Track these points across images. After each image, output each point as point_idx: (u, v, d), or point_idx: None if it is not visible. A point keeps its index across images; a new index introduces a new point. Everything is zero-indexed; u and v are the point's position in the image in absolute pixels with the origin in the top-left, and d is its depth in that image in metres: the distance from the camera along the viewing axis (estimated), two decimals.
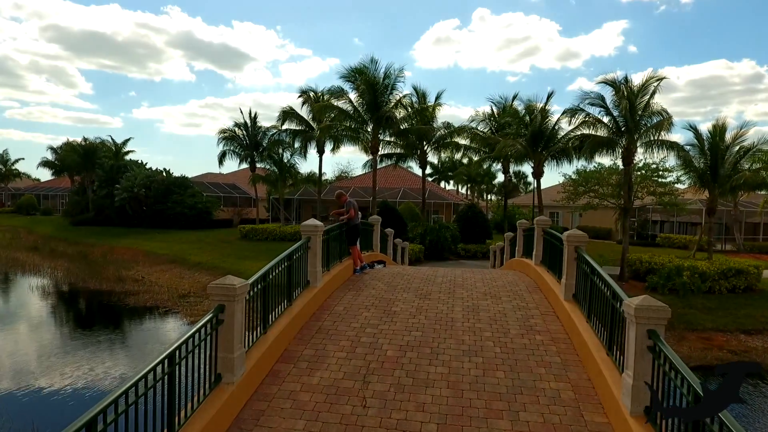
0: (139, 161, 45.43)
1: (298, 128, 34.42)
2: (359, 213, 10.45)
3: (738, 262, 18.69)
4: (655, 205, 27.11)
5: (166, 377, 4.01)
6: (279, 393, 5.36)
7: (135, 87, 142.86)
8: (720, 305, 16.43)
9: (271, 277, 6.26)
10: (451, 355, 6.14)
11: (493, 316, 7.39)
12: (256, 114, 37.83)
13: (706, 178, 19.84)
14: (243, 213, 46.09)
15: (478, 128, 31.89)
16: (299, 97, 33.56)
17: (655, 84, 20.10)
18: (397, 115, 26.79)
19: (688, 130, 20.92)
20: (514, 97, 31.75)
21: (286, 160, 35.01)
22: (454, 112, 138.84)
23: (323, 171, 37.55)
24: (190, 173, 77.76)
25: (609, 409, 4.81)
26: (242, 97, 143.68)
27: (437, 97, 30.52)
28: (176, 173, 42.81)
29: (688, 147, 20.78)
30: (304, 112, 34.03)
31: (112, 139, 47.66)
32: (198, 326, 4.61)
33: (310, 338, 6.71)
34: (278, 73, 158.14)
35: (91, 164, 43.95)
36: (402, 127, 27.90)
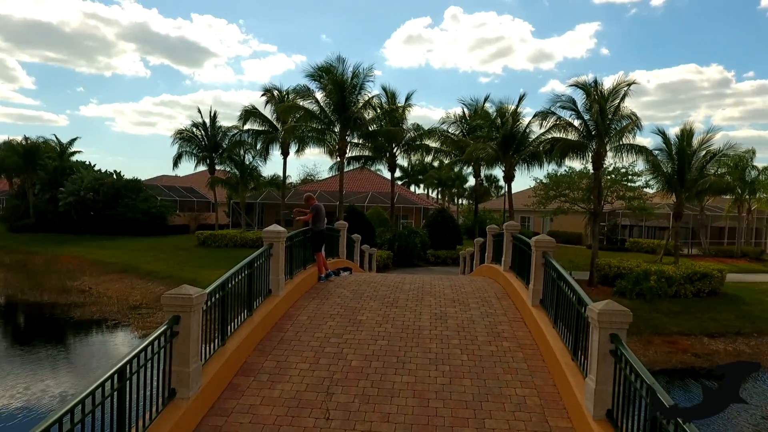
0: (87, 163, 43.98)
1: (261, 129, 34.16)
2: (325, 218, 10.48)
3: (703, 266, 19.72)
4: (624, 209, 28.22)
5: (115, 393, 3.96)
6: (238, 407, 5.35)
7: (83, 82, 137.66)
8: (685, 309, 17.28)
9: (230, 286, 6.23)
10: (417, 363, 6.27)
11: (461, 324, 7.59)
12: (215, 113, 37.23)
13: (673, 182, 20.85)
14: (201, 218, 45.32)
15: (449, 130, 32.46)
16: (262, 95, 33.49)
17: (626, 88, 21.01)
18: (366, 116, 26.93)
19: (657, 134, 21.97)
20: (486, 99, 32.53)
21: (248, 162, 34.67)
22: (425, 113, 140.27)
23: (288, 174, 37.21)
24: (144, 176, 75.54)
25: (573, 413, 5.03)
26: (201, 95, 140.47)
27: (407, 98, 30.95)
28: (128, 175, 41.79)
29: (657, 151, 21.83)
30: (267, 111, 33.82)
31: (56, 138, 45.96)
32: (151, 338, 4.57)
33: (272, 349, 6.71)
34: (240, 70, 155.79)
35: (32, 165, 42.13)
36: (371, 129, 28.07)
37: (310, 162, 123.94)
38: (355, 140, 29.78)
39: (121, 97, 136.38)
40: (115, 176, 40.94)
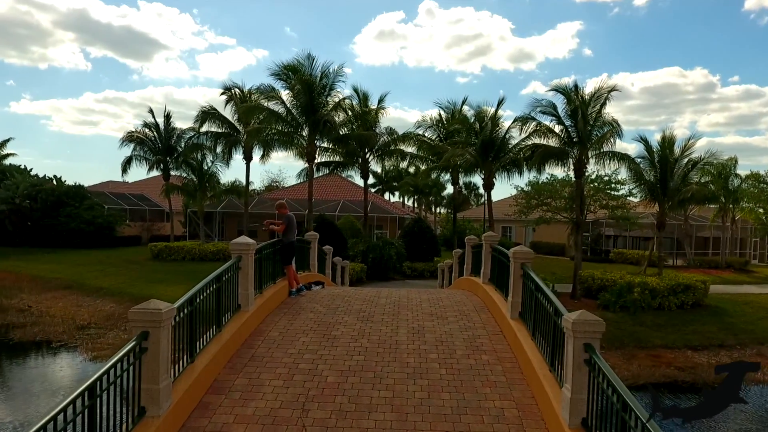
0: (22, 166, 42.80)
1: (220, 131, 33.87)
2: (296, 230, 10.77)
3: (686, 277, 20.79)
4: (607, 219, 29.36)
5: (86, 411, 4.20)
6: (210, 426, 5.61)
7: (14, 75, 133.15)
8: (669, 322, 18.20)
9: (198, 300, 6.50)
10: (395, 378, 6.64)
11: (439, 338, 8.01)
12: (169, 113, 36.86)
13: (656, 191, 21.95)
14: (154, 229, 44.84)
15: (426, 135, 33.12)
16: (222, 94, 33.23)
17: (607, 93, 22.02)
18: (337, 119, 27.24)
19: (639, 141, 23.09)
20: (464, 102, 33.38)
21: (206, 168, 34.36)
22: (399, 114, 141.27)
23: (251, 180, 37.05)
24: (87, 181, 73.54)
25: (550, 423, 5.50)
26: (151, 92, 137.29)
27: (380, 100, 31.32)
28: (69, 181, 40.97)
29: (639, 159, 22.92)
30: (228, 112, 33.54)
31: None
32: (120, 355, 4.81)
33: (243, 367, 6.98)
34: (195, 65, 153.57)
35: None
36: (342, 133, 28.38)
37: (275, 167, 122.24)
38: (325, 145, 30.03)
39: (58, 92, 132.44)
40: (54, 182, 40.06)
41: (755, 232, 35.12)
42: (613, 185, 27.49)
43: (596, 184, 27.47)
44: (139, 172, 67.66)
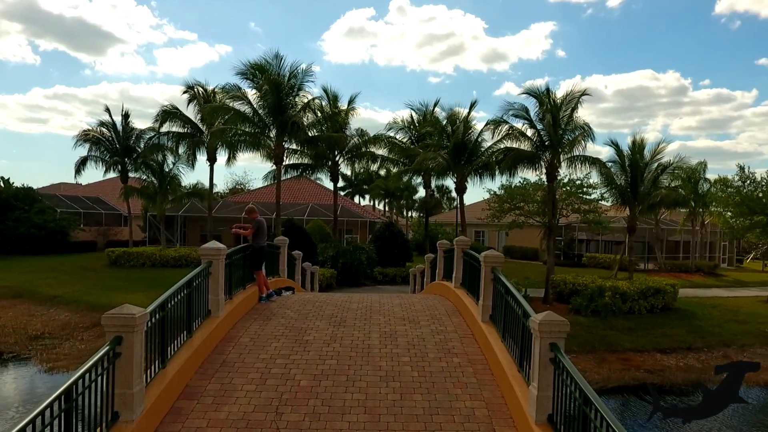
0: None
1: (183, 131, 33.75)
2: (266, 234, 11.01)
3: (656, 281, 21.79)
4: (580, 223, 30.34)
5: (63, 414, 4.40)
6: (183, 430, 5.84)
7: None
8: (639, 325, 19.07)
9: (170, 306, 6.71)
10: (368, 381, 6.98)
11: (411, 341, 8.38)
12: (128, 112, 36.48)
13: (626, 195, 22.92)
14: (110, 234, 44.27)
15: (397, 137, 33.65)
16: (184, 93, 33.21)
17: (578, 97, 22.89)
18: (306, 120, 27.45)
19: (611, 145, 24.08)
20: (436, 104, 34.07)
21: (167, 170, 34.17)
22: (370, 115, 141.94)
23: (214, 183, 36.93)
24: (37, 183, 71.60)
25: (518, 421, 5.92)
26: (105, 88, 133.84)
27: (351, 101, 31.75)
28: (17, 183, 39.94)
29: (610, 163, 23.91)
30: (191, 112, 33.52)
31: None
32: (94, 359, 5.01)
33: (214, 372, 7.20)
34: (153, 60, 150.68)
35: None
36: (311, 134, 28.57)
37: (240, 169, 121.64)
38: (294, 147, 30.19)
39: (3, 87, 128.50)
40: (2, 183, 39.04)
41: (723, 236, 36.80)
42: (585, 189, 28.42)
43: (568, 188, 28.35)
44: (93, 174, 66.57)
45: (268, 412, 6.21)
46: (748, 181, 25.11)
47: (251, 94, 26.88)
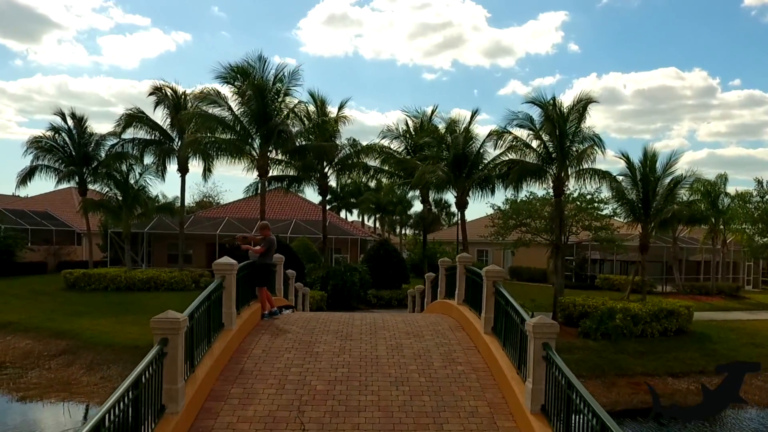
0: None
1: (149, 138, 34.69)
2: (274, 253, 12.83)
3: (670, 303, 23.83)
4: (591, 241, 32.39)
5: (131, 402, 6.15)
6: (217, 425, 7.60)
7: None
8: (651, 349, 21.04)
9: (196, 316, 8.49)
10: (379, 386, 8.79)
11: (417, 353, 10.21)
12: (85, 116, 36.90)
13: (638, 211, 25.00)
14: (63, 253, 44.59)
15: (392, 146, 35.49)
16: (151, 94, 34.14)
17: (584, 104, 24.96)
18: (293, 128, 28.92)
19: (620, 157, 26.19)
20: (434, 111, 36.15)
21: (133, 181, 34.81)
22: (355, 115, 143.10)
23: (177, 196, 37.99)
24: None
25: (516, 413, 7.77)
26: (39, 81, 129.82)
27: (341, 106, 33.46)
28: None
29: (621, 177, 25.98)
30: (159, 116, 34.30)
31: None
32: (149, 357, 6.79)
33: (235, 379, 8.97)
34: (97, 49, 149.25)
35: None
36: (298, 144, 29.82)
37: (208, 180, 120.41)
38: (278, 156, 31.55)
39: None
40: None
41: (746, 255, 39.08)
42: (596, 204, 30.34)
43: (578, 203, 30.27)
44: (41, 185, 66.32)
45: (291, 410, 7.99)
46: (767, 196, 27.31)
47: (232, 99, 28.11)
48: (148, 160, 35.38)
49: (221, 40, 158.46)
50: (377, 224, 75.25)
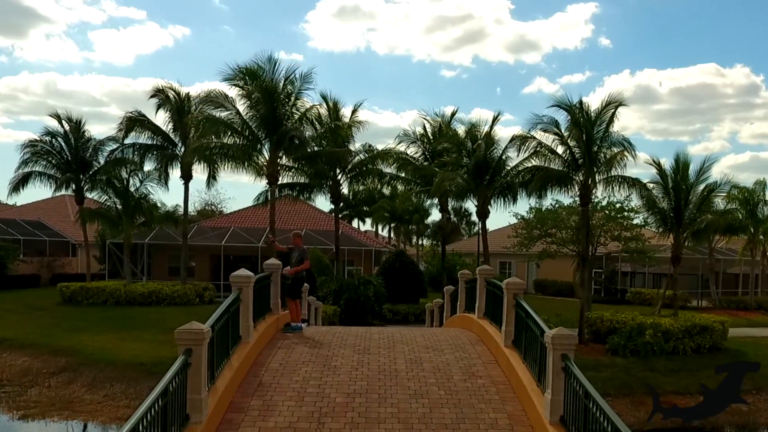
0: None
1: (151, 143, 35.36)
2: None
3: (703, 318, 24.25)
4: (621, 253, 32.83)
5: (161, 409, 6.90)
6: None
7: None
8: (683, 366, 21.51)
9: (216, 328, 9.24)
10: (398, 398, 9.50)
11: (436, 366, 10.91)
12: (82, 120, 37.34)
13: (669, 220, 25.50)
14: (57, 265, 45.15)
15: (408, 151, 36.21)
16: (152, 96, 34.59)
17: (613, 110, 25.52)
18: (307, 133, 29.53)
19: (651, 164, 26.72)
20: (453, 114, 36.83)
21: (134, 188, 35.25)
22: (368, 116, 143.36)
23: (178, 204, 38.02)
24: None
25: (535, 425, 8.44)
26: (25, 79, 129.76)
27: (354, 110, 34.26)
28: None
29: (652, 185, 26.47)
30: (161, 119, 34.92)
31: None
32: (175, 367, 7.54)
33: (253, 392, 9.72)
34: (88, 45, 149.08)
35: None
36: (309, 150, 30.37)
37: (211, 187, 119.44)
38: (288, 163, 31.87)
39: None
40: None
41: None
42: (626, 213, 30.76)
43: (607, 211, 30.72)
44: (34, 193, 66.85)
45: (311, 422, 8.71)
46: None
47: (239, 102, 28.68)
48: (149, 166, 35.88)
49: (223, 34, 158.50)
50: (392, 234, 75.84)
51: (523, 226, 33.13)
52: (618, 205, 30.56)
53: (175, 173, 36.15)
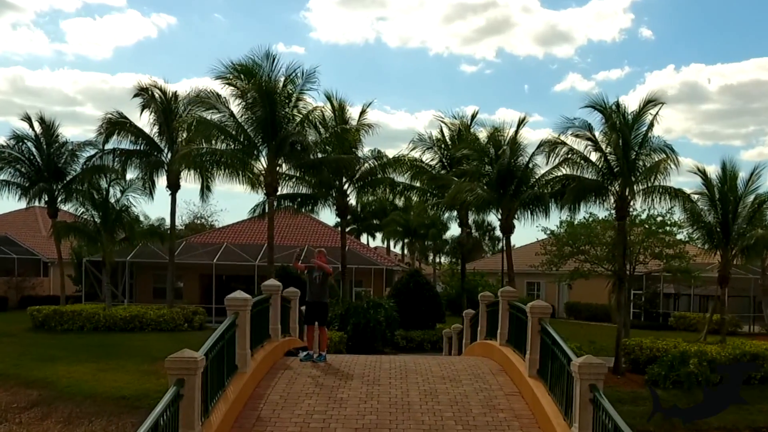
0: None
1: (134, 148, 35.09)
2: None
3: (754, 345, 24.21)
4: (663, 272, 32.84)
5: None
6: None
7: None
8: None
9: (210, 356, 9.48)
10: None
11: (454, 399, 11.09)
12: (55, 123, 36.83)
13: (717, 236, 25.53)
14: (26, 287, 45.29)
15: (424, 158, 36.27)
16: (135, 96, 34.34)
17: (654, 111, 25.60)
18: (310, 138, 29.51)
19: (696, 173, 26.77)
20: (473, 117, 36.99)
21: (114, 200, 34.85)
22: (378, 116, 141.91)
23: (163, 217, 37.97)
24: None
25: None
26: None
27: (362, 111, 34.34)
28: None
29: (697, 196, 26.49)
30: (145, 122, 34.80)
31: None
32: (166, 400, 7.75)
33: (251, 427, 9.95)
34: (60, 36, 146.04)
35: None
36: (312, 157, 30.31)
37: (195, 196, 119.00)
38: (289, 171, 31.84)
39: None
40: None
41: None
42: (668, 228, 30.69)
43: (647, 226, 30.70)
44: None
45: None
46: None
47: (234, 103, 28.57)
48: (131, 174, 35.56)
49: (214, 24, 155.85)
50: (406, 251, 75.68)
51: (552, 243, 33.17)
52: (659, 219, 30.58)
53: (160, 182, 35.99)
